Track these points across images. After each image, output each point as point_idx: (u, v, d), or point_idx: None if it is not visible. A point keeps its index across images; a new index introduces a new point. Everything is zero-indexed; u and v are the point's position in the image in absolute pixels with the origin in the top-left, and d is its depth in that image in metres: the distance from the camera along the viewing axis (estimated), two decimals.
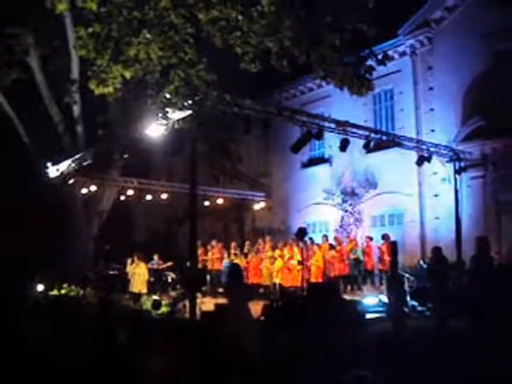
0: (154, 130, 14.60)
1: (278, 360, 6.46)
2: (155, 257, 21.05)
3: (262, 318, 11.60)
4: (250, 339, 7.01)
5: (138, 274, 18.09)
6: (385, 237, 18.39)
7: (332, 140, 20.46)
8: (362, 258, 18.79)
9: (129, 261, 19.40)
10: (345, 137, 15.72)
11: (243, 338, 6.00)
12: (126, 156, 17.54)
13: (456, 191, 18.23)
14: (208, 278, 20.43)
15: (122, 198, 22.84)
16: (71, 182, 20.25)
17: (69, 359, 7.74)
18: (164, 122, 13.71)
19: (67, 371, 7.01)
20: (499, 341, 7.00)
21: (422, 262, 17.61)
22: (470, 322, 8.93)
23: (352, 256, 18.78)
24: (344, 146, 15.70)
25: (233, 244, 21.05)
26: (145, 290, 17.93)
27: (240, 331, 6.58)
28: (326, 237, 19.90)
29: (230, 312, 8.31)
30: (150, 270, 20.19)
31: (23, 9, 18.65)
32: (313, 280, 17.64)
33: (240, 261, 18.67)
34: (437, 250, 11.98)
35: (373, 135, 16.37)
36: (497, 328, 7.59)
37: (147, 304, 15.20)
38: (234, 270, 9.42)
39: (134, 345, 8.54)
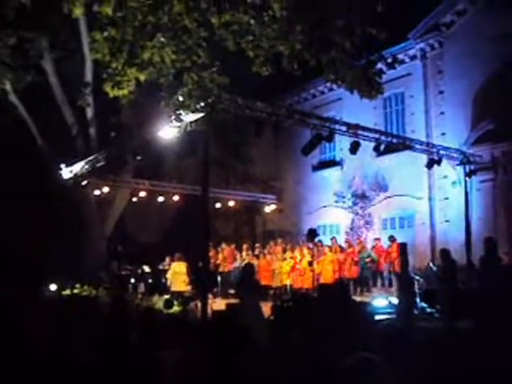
0: (167, 132, 14.82)
1: (286, 355, 6.60)
2: (167, 258, 21.32)
3: (272, 317, 11.76)
4: (261, 334, 7.20)
5: (179, 273, 18.35)
6: (391, 238, 18.54)
7: (343, 143, 20.63)
8: (375, 258, 18.80)
9: (167, 260, 20.45)
10: (355, 139, 15.85)
11: (254, 332, 6.18)
12: (138, 158, 17.72)
13: (466, 194, 18.33)
14: (219, 279, 20.61)
15: (135, 199, 23.07)
16: (84, 183, 20.51)
17: (79, 358, 7.85)
18: (177, 124, 13.92)
19: (76, 370, 7.11)
20: (504, 340, 7.10)
21: (431, 265, 17.69)
22: (477, 322, 9.03)
23: (367, 260, 18.78)
24: (354, 148, 15.82)
25: (245, 246, 21.21)
26: (185, 289, 18.14)
27: (251, 324, 6.76)
28: (334, 239, 20.00)
29: (242, 308, 8.50)
30: (162, 271, 20.59)
31: (38, 13, 18.89)
32: (324, 282, 17.75)
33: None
34: (445, 252, 12.08)
35: (383, 138, 16.50)
36: (503, 327, 7.70)
37: (159, 303, 15.39)
38: (248, 269, 9.63)
39: (146, 343, 8.69)
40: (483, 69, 19.06)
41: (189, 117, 13.75)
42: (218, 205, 24.10)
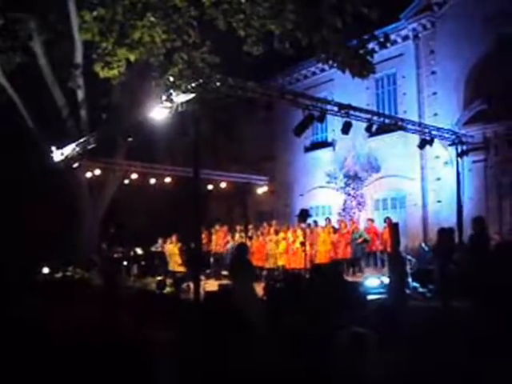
0: (158, 113, 14.69)
1: (280, 335, 6.62)
2: (159, 240, 21.33)
3: (265, 297, 11.80)
4: (255, 314, 7.19)
5: (173, 254, 19.02)
6: (386, 220, 18.55)
7: (335, 124, 20.58)
8: (368, 238, 18.81)
9: (159, 242, 21.02)
10: (347, 120, 15.78)
11: (247, 312, 6.18)
12: (129, 139, 17.61)
13: (458, 174, 18.34)
14: (212, 260, 20.63)
15: (126, 181, 22.98)
16: (76, 165, 20.38)
17: (74, 338, 7.87)
18: (168, 104, 13.81)
19: (69, 349, 7.13)
20: (489, 316, 7.13)
21: (423, 245, 17.77)
22: (467, 301, 9.05)
23: (359, 240, 18.79)
24: (346, 128, 15.72)
25: (238, 227, 21.21)
26: (179, 269, 18.43)
27: (244, 305, 6.75)
28: (329, 219, 20.00)
29: (234, 289, 8.48)
30: (155, 253, 20.65)
31: None
32: (318, 262, 17.77)
33: None
34: (445, 232, 12.05)
35: (375, 118, 16.42)
36: (490, 304, 7.72)
37: (152, 285, 15.39)
38: (241, 248, 9.59)
39: (138, 323, 8.71)
40: (475, 49, 18.99)
41: (180, 97, 13.63)
42: (209, 186, 24.04)
